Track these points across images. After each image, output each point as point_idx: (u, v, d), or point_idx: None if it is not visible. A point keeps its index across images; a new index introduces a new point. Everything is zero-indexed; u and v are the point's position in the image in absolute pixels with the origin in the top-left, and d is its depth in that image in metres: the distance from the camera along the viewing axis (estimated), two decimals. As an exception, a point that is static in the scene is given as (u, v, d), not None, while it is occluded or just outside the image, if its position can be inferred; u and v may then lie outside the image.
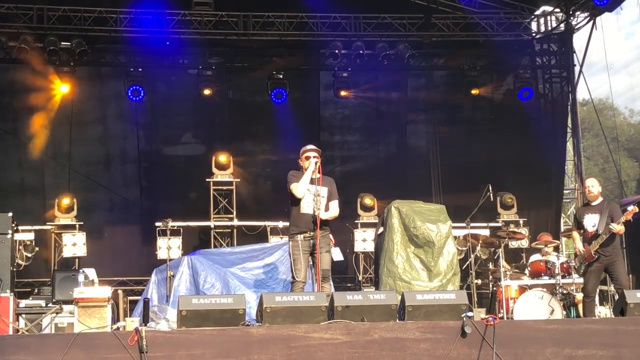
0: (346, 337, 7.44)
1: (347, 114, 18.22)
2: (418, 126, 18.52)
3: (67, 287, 11.14)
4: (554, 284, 11.33)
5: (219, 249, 15.31)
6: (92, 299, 9.28)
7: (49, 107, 16.91)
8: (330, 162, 16.84)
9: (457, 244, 12.75)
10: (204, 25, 16.51)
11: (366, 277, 15.94)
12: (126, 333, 7.24)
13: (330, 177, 10.01)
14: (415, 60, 17.52)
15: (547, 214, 17.98)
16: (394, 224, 11.63)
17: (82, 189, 16.62)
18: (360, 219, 16.33)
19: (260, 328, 7.53)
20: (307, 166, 9.58)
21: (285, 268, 11.90)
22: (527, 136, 17.69)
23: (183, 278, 11.97)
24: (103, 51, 17.24)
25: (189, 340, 7.23)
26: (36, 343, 7.20)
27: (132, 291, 15.04)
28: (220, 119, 17.72)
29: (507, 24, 17.52)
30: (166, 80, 17.51)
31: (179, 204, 16.85)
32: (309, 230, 9.42)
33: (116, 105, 17.30)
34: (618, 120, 36.13)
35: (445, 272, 11.39)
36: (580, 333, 7.88)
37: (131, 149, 17.20)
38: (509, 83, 18.41)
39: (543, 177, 18.09)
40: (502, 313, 11.28)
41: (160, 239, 14.93)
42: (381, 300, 7.98)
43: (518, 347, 7.67)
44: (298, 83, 17.71)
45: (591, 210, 10.74)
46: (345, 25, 16.90)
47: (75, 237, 15.46)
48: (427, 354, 7.49)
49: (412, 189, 16.56)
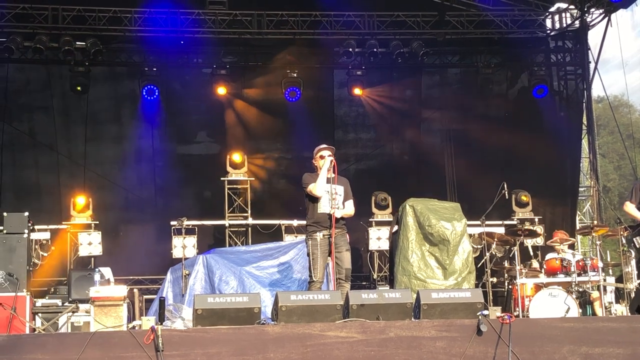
0: (362, 336, 7.43)
1: (361, 112, 18.19)
2: (432, 124, 18.48)
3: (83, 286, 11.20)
4: (569, 282, 11.28)
5: (233, 247, 15.30)
6: (108, 298, 9.30)
7: (64, 107, 17.01)
8: (345, 160, 16.84)
9: (472, 242, 12.71)
10: (218, 24, 16.53)
11: (381, 276, 15.93)
12: (142, 332, 7.26)
13: (345, 174, 10.03)
14: (429, 58, 17.49)
15: (563, 211, 17.91)
16: (408, 222, 11.62)
17: (98, 188, 16.67)
18: (375, 217, 16.31)
19: (276, 326, 7.53)
20: (321, 165, 9.60)
21: (300, 267, 11.92)
22: (542, 134, 17.63)
23: (198, 277, 12.00)
24: (117, 51, 17.29)
25: (204, 339, 7.25)
26: (52, 342, 7.23)
27: (148, 290, 15.08)
28: (234, 117, 17.73)
29: (522, 21, 17.47)
30: (180, 80, 17.56)
31: (193, 203, 16.92)
32: (327, 228, 9.44)
33: (131, 105, 17.36)
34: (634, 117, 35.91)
35: (461, 270, 11.37)
36: (597, 331, 7.84)
37: (146, 148, 17.24)
38: (524, 80, 18.33)
39: (558, 174, 18.02)
40: (518, 311, 11.24)
41: (175, 238, 14.96)
42: (396, 299, 7.96)
43: (534, 346, 7.64)
44: (312, 81, 17.70)
45: None
46: (359, 24, 16.89)
47: (91, 236, 15.51)
48: (443, 352, 7.47)
49: (426, 187, 16.53)
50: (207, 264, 12.09)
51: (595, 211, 18.79)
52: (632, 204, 10.39)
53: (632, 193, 10.51)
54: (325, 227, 9.47)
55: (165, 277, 12.82)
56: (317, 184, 9.51)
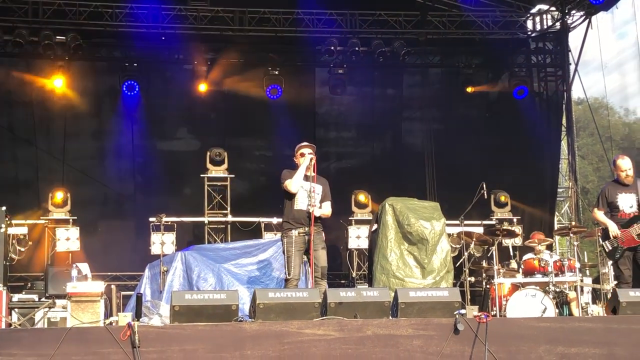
0: (339, 334, 7.43)
1: (342, 111, 18.20)
2: (413, 123, 18.53)
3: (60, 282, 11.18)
4: (547, 282, 11.34)
5: (212, 244, 15.30)
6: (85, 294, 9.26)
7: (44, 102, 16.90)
8: (326, 158, 16.85)
9: (451, 242, 12.75)
10: (200, 21, 16.50)
11: (360, 274, 15.96)
12: (119, 328, 7.22)
13: (326, 172, 10.04)
14: (410, 58, 17.52)
15: (541, 212, 18.00)
16: (388, 221, 11.64)
17: (76, 184, 16.56)
18: (355, 216, 16.32)
19: (253, 324, 7.52)
20: (301, 163, 9.61)
21: (279, 264, 11.91)
22: (522, 134, 17.71)
23: (176, 273, 11.98)
24: (98, 46, 17.19)
25: (181, 336, 7.22)
26: (29, 337, 7.18)
27: (126, 286, 15.00)
28: (215, 114, 17.70)
29: (503, 22, 17.54)
30: (161, 76, 17.49)
31: (173, 200, 16.85)
32: (303, 226, 9.47)
33: (111, 100, 17.26)
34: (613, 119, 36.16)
35: (439, 269, 11.41)
36: (573, 331, 7.87)
37: (126, 144, 17.14)
38: (504, 81, 18.40)
39: (537, 175, 18.12)
40: (495, 311, 11.30)
41: (154, 234, 14.91)
42: (374, 297, 7.97)
43: (511, 345, 7.66)
44: (293, 79, 17.68)
45: (625, 189, 10.28)
46: (341, 22, 16.90)
47: (69, 231, 15.41)
48: (420, 350, 7.49)
49: (406, 186, 16.54)
50: (185, 261, 12.08)
51: (573, 212, 18.91)
52: (600, 211, 10.47)
53: (599, 200, 10.59)
54: (302, 225, 9.50)
55: (143, 273, 12.77)
56: (293, 180, 9.53)
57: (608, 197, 10.42)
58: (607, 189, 10.53)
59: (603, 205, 10.46)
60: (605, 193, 10.48)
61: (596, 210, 10.54)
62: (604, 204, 10.45)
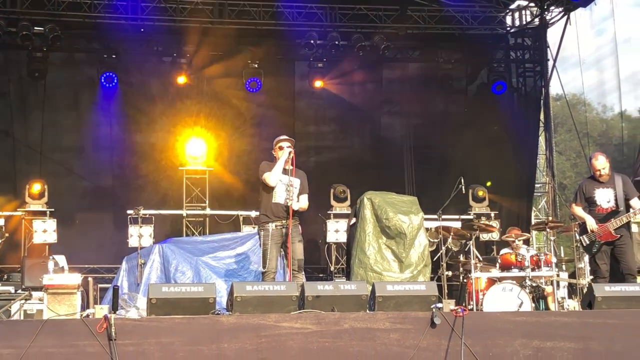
0: (316, 327, 7.45)
1: (322, 105, 18.19)
2: (392, 118, 18.55)
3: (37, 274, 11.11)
4: (523, 276, 11.40)
5: (190, 237, 15.26)
6: (61, 286, 9.20)
7: (22, 93, 16.78)
8: (305, 152, 16.82)
9: (429, 236, 12.79)
10: (179, 13, 16.43)
11: (338, 268, 15.97)
12: (95, 320, 7.21)
13: (305, 166, 10.04)
14: (390, 52, 17.52)
15: (519, 207, 18.09)
16: (366, 215, 11.68)
17: (54, 176, 16.46)
18: (333, 210, 16.33)
19: (231, 317, 7.52)
20: (280, 156, 9.62)
21: (257, 258, 11.88)
22: (500, 130, 17.82)
23: (154, 266, 11.96)
24: (77, 37, 17.08)
25: (158, 329, 7.22)
26: (4, 329, 7.16)
27: (103, 279, 14.93)
28: (194, 107, 17.63)
29: (482, 17, 17.58)
30: (140, 68, 17.39)
31: (151, 192, 16.79)
32: (280, 219, 9.48)
33: (89, 92, 17.14)
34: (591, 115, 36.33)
35: (417, 263, 11.46)
36: (549, 325, 7.94)
37: (104, 136, 17.04)
38: (483, 77, 18.50)
39: (515, 170, 18.22)
40: (472, 305, 11.34)
41: (131, 227, 14.84)
42: (352, 291, 8.00)
43: (487, 339, 7.72)
44: (273, 73, 17.65)
45: (603, 184, 10.32)
46: (321, 16, 16.88)
47: (46, 223, 15.31)
48: (397, 344, 7.52)
49: (385, 181, 16.56)
50: (163, 254, 12.05)
51: (550, 207, 19.03)
52: (578, 206, 10.54)
53: (577, 195, 10.66)
54: (279, 218, 9.52)
55: (120, 266, 12.72)
56: (272, 173, 9.54)
57: (585, 193, 10.48)
58: (584, 185, 10.60)
59: (581, 201, 10.52)
60: (583, 188, 10.54)
61: (574, 205, 10.61)
62: (581, 199, 10.52)
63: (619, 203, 10.26)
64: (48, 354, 6.95)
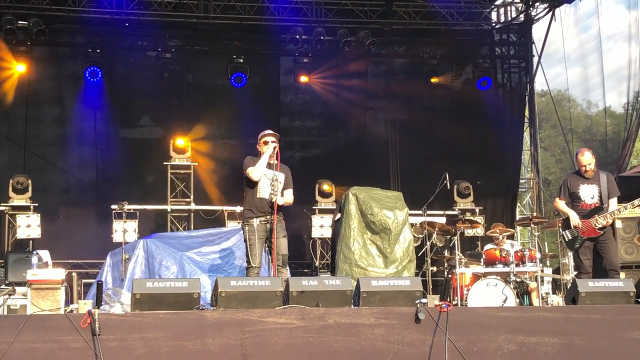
0: (301, 322, 7.45)
1: (307, 100, 18.19)
2: (377, 113, 18.55)
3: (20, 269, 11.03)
4: (508, 272, 11.43)
5: (175, 232, 15.24)
6: (45, 281, 9.16)
7: (5, 87, 16.68)
8: (290, 147, 16.84)
9: (414, 231, 12.81)
10: (164, 7, 16.32)
11: (323, 263, 15.98)
12: (79, 315, 7.19)
13: (290, 162, 10.04)
14: (375, 48, 17.51)
15: (503, 202, 18.15)
16: (351, 210, 11.69)
17: (38, 170, 16.42)
18: (318, 205, 16.34)
19: (215, 312, 7.52)
20: (265, 150, 9.60)
21: (241, 253, 11.86)
22: (485, 125, 17.84)
23: (138, 261, 11.91)
24: (61, 31, 16.98)
25: (142, 324, 7.20)
26: (-13, 324, 7.12)
27: (87, 274, 14.90)
28: (179, 102, 17.60)
29: (468, 13, 17.59)
30: (124, 62, 17.36)
31: (135, 187, 16.74)
32: (265, 214, 9.47)
33: (73, 87, 17.05)
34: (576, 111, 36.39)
35: (401, 258, 11.48)
36: (533, 320, 7.97)
37: (88, 131, 16.97)
38: (468, 72, 18.52)
39: (500, 166, 18.26)
40: (456, 300, 11.38)
41: (116, 222, 14.79)
42: (336, 286, 8.01)
43: (471, 334, 7.74)
44: (258, 68, 17.64)
45: (587, 180, 10.38)
46: (306, 11, 16.83)
47: (30, 218, 15.24)
48: (381, 339, 7.53)
49: (370, 176, 16.55)
50: (147, 249, 12.00)
51: (535, 203, 19.10)
52: (562, 200, 10.58)
53: (561, 190, 10.70)
54: (263, 213, 9.51)
55: (105, 261, 12.67)
56: (256, 168, 9.53)
57: (570, 188, 10.52)
58: (569, 180, 10.64)
59: (564, 195, 10.57)
60: (568, 183, 10.59)
61: (557, 200, 10.65)
62: (565, 194, 10.56)
63: (603, 199, 10.32)
64: (31, 349, 6.93)
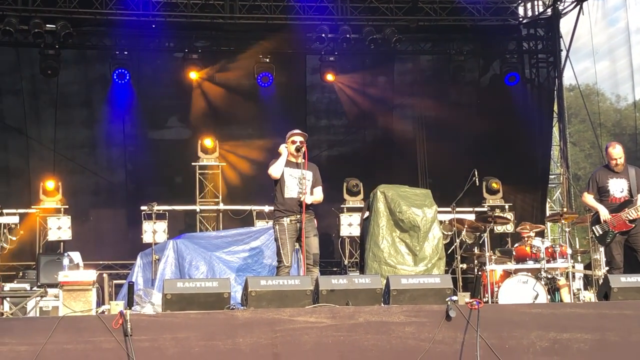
0: (331, 321, 7.44)
1: (333, 98, 18.16)
2: (404, 111, 18.50)
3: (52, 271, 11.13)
4: (538, 268, 11.35)
5: (204, 232, 15.30)
6: (76, 283, 9.24)
7: (34, 91, 16.83)
8: (317, 146, 16.86)
9: (443, 229, 12.77)
10: (190, 9, 16.39)
11: (352, 262, 15.96)
12: (111, 316, 7.23)
13: (317, 160, 10.04)
14: (402, 45, 17.44)
15: (533, 199, 18.03)
16: (379, 208, 11.65)
17: (68, 172, 16.57)
18: (346, 204, 16.33)
19: (245, 311, 7.53)
20: (292, 150, 9.62)
21: (270, 252, 11.91)
22: (514, 121, 17.72)
23: (168, 262, 11.98)
24: (88, 34, 17.11)
25: (173, 324, 7.23)
26: (20, 326, 7.18)
27: (118, 275, 15.00)
28: (206, 102, 17.65)
29: (494, 8, 17.48)
30: (152, 64, 17.44)
31: (164, 188, 16.85)
32: (294, 213, 9.47)
33: (101, 88, 17.19)
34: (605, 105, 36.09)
35: (431, 256, 11.42)
36: (565, 317, 7.91)
37: (117, 133, 17.11)
38: (496, 68, 18.40)
39: (529, 162, 18.13)
40: (487, 297, 11.31)
41: (145, 223, 14.89)
42: (366, 284, 7.99)
43: (503, 331, 7.69)
44: (284, 67, 17.66)
45: (616, 174, 10.30)
46: (331, 9, 16.82)
47: (60, 220, 15.39)
48: (412, 337, 7.51)
49: (398, 174, 16.53)
50: (177, 249, 12.07)
51: (565, 199, 18.95)
52: (590, 195, 10.49)
53: (589, 184, 10.61)
54: (293, 212, 9.50)
55: (135, 262, 12.76)
56: (275, 166, 9.56)
57: (599, 182, 10.43)
58: (597, 174, 10.56)
59: (593, 190, 10.48)
60: (596, 178, 10.51)
61: (586, 194, 10.56)
62: (594, 188, 10.48)
63: (632, 193, 10.23)
64: (64, 350, 6.97)
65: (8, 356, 6.85)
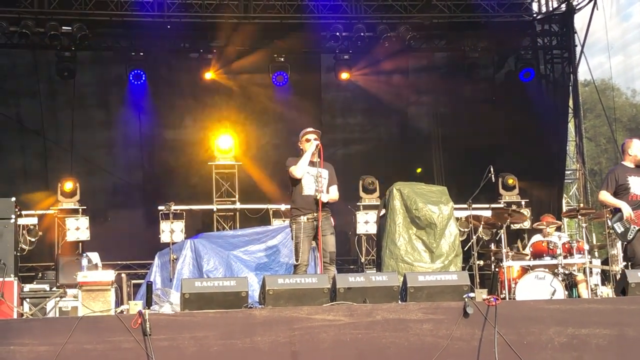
0: (349, 319, 7.47)
1: (348, 97, 18.19)
2: (419, 108, 18.51)
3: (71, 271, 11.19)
4: (556, 264, 11.34)
5: (221, 232, 15.33)
6: (95, 283, 9.30)
7: (51, 92, 16.94)
8: (332, 144, 16.84)
9: (459, 225, 12.73)
10: (205, 9, 16.47)
11: (368, 259, 15.96)
12: (130, 316, 7.26)
13: (332, 159, 10.05)
14: (416, 42, 17.48)
15: (549, 194, 17.98)
16: (395, 205, 11.64)
17: (85, 174, 16.65)
18: (363, 201, 16.33)
19: (263, 310, 7.56)
20: (307, 148, 9.63)
21: (287, 251, 11.94)
22: (529, 117, 17.68)
23: (186, 261, 12.01)
24: (104, 35, 17.19)
25: (192, 323, 7.27)
26: (40, 327, 7.24)
27: (136, 275, 15.06)
28: (221, 102, 17.71)
29: (508, 4, 17.45)
30: (167, 64, 17.51)
31: (181, 188, 16.90)
32: (311, 211, 9.49)
33: (118, 90, 17.29)
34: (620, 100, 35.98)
35: (447, 253, 11.41)
36: (583, 312, 7.90)
37: (133, 133, 17.22)
38: (510, 64, 18.37)
39: (545, 158, 18.08)
40: (504, 294, 11.30)
41: (163, 223, 14.95)
42: (383, 282, 8.00)
43: (521, 327, 7.69)
44: (299, 66, 17.68)
45: (635, 171, 10.24)
46: (346, 8, 16.85)
47: (79, 221, 15.48)
48: (430, 334, 7.52)
49: (413, 171, 16.57)
50: (194, 249, 12.11)
51: (581, 194, 18.89)
52: (608, 192, 10.40)
53: (607, 182, 10.50)
54: (310, 211, 9.52)
55: (153, 262, 12.82)
56: (298, 166, 9.57)
57: (618, 180, 10.30)
58: (616, 171, 10.46)
59: (611, 187, 10.40)
60: (615, 175, 10.38)
61: (604, 192, 10.45)
62: (612, 185, 10.37)
63: None
64: (84, 350, 7.03)
65: (28, 357, 6.91)
